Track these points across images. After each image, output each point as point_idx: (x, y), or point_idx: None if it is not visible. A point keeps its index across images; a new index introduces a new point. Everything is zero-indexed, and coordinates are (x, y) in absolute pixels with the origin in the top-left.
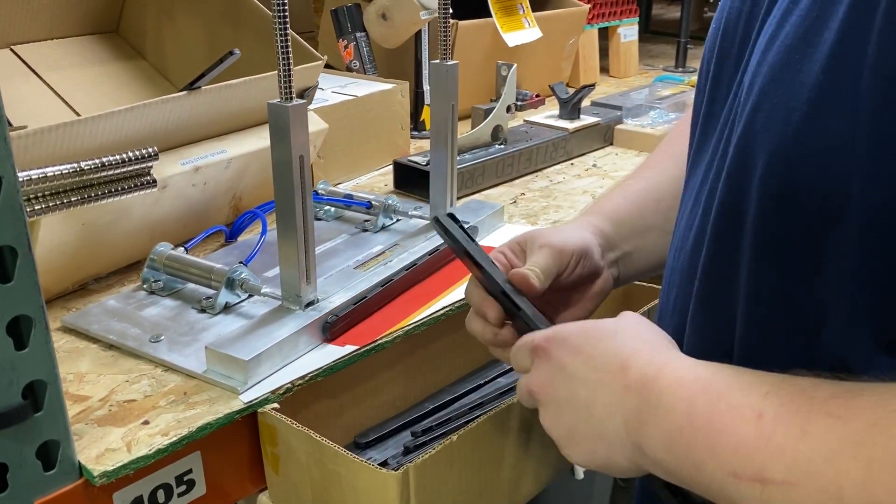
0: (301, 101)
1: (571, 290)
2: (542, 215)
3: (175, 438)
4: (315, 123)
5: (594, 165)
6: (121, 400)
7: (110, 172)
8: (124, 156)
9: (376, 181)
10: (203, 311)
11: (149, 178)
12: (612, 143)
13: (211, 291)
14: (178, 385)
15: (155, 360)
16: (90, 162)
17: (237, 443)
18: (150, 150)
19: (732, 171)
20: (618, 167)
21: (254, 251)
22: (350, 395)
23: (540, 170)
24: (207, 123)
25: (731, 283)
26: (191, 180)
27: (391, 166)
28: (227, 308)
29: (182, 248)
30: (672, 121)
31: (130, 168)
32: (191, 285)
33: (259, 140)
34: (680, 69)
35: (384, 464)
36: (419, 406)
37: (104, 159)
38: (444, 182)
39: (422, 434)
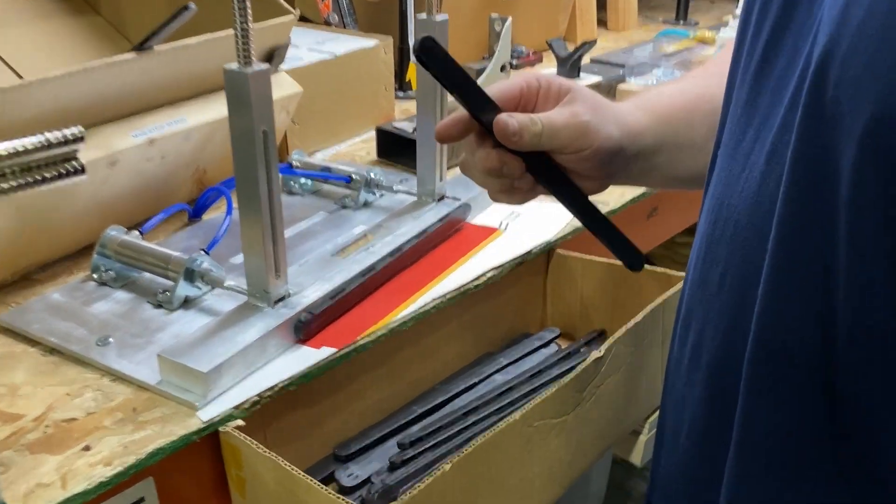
0: (264, 67)
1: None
2: None
3: (120, 469)
4: (288, 86)
5: None
6: (59, 419)
7: (26, 159)
8: (42, 138)
9: (358, 149)
10: (160, 305)
11: (75, 163)
12: None
13: (169, 282)
14: (127, 399)
15: (101, 367)
16: (3, 146)
17: (197, 464)
18: (75, 130)
19: (812, 126)
20: None
21: (217, 235)
22: (328, 402)
23: None
24: (163, 88)
25: (817, 269)
26: (145, 154)
27: (374, 132)
28: (186, 302)
29: (136, 232)
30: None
31: (52, 153)
32: (147, 274)
33: (223, 106)
34: (681, 22)
35: (367, 481)
36: (406, 410)
37: (18, 143)
38: (432, 153)
39: (409, 446)
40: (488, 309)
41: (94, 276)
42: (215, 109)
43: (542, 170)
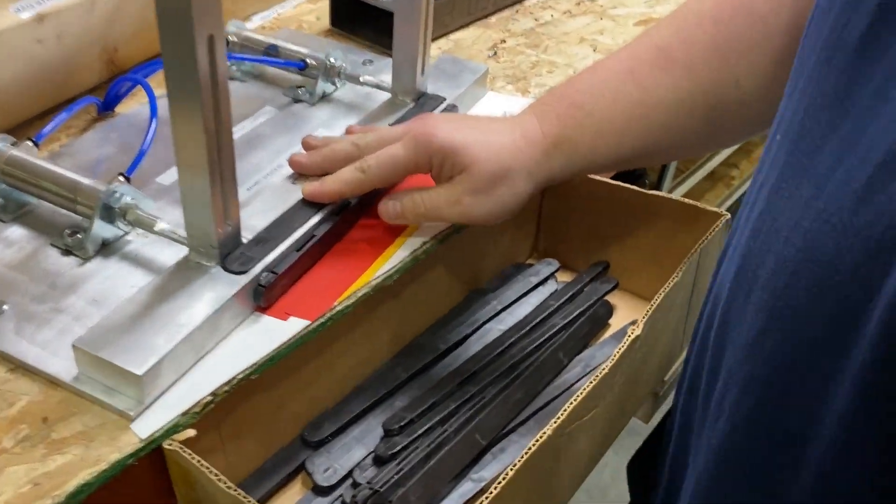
0: None
1: None
2: (532, 76)
3: None
4: None
5: None
6: None
7: None
8: None
9: (304, 13)
10: (69, 251)
11: None
12: None
13: (77, 216)
14: (33, 402)
15: None
16: None
17: (132, 482)
18: None
19: None
20: (614, 1)
21: (141, 149)
22: (294, 380)
23: (520, 0)
24: None
25: None
26: (34, 34)
27: None
28: (104, 246)
29: (29, 143)
30: None
31: None
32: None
33: None
34: None
35: (347, 478)
36: (388, 373)
37: None
38: (415, 34)
39: (398, 432)
40: (478, 240)
41: None
42: None
43: None
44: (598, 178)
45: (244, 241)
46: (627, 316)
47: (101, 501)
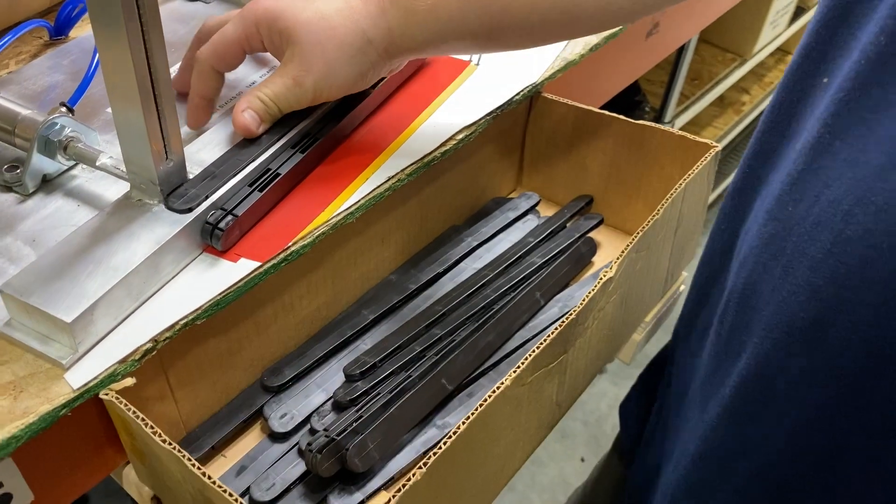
0: None
1: None
2: None
3: None
4: None
5: None
6: None
7: None
8: None
9: None
10: (9, 188)
11: None
12: None
13: (20, 151)
14: None
15: None
16: None
17: (74, 428)
18: None
19: None
20: None
21: (86, 78)
22: (250, 324)
23: None
24: None
25: None
26: None
27: None
28: (46, 181)
29: None
30: None
31: None
32: None
33: None
34: None
35: (305, 424)
36: (354, 315)
37: None
38: None
39: (359, 377)
40: (454, 175)
41: None
42: None
43: None
44: (584, 106)
45: (191, 176)
46: (613, 253)
47: (47, 444)
